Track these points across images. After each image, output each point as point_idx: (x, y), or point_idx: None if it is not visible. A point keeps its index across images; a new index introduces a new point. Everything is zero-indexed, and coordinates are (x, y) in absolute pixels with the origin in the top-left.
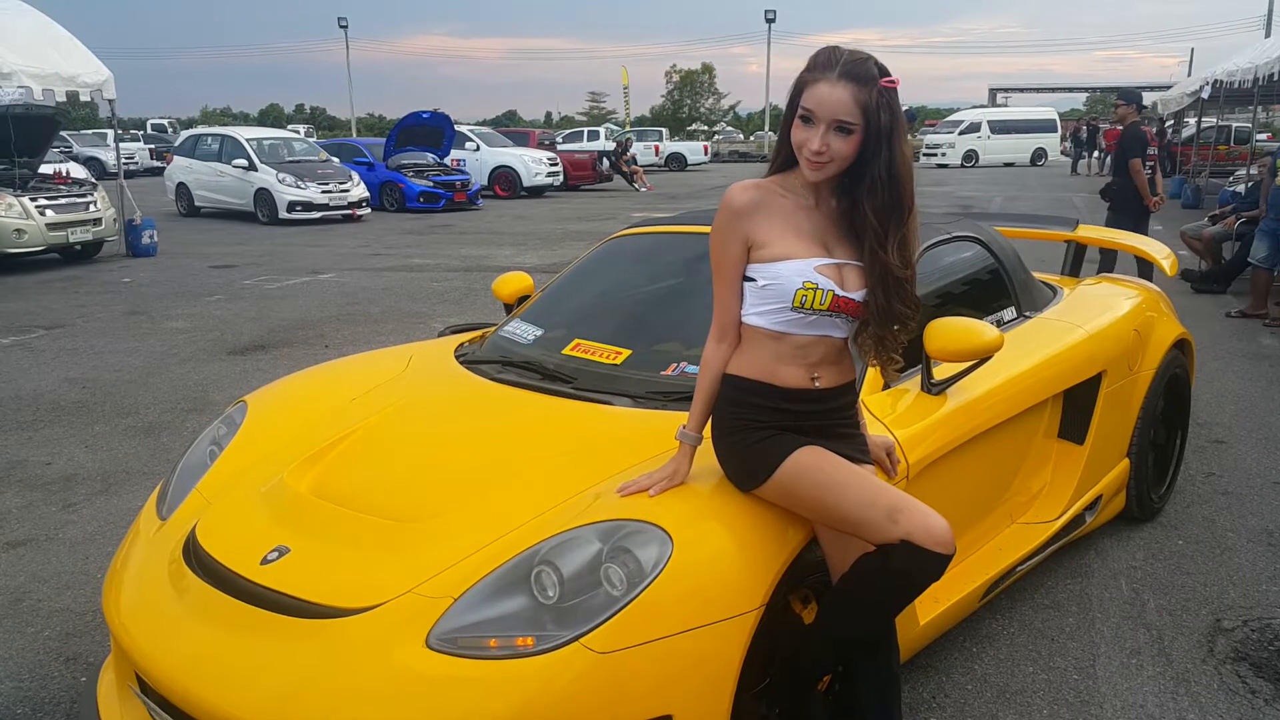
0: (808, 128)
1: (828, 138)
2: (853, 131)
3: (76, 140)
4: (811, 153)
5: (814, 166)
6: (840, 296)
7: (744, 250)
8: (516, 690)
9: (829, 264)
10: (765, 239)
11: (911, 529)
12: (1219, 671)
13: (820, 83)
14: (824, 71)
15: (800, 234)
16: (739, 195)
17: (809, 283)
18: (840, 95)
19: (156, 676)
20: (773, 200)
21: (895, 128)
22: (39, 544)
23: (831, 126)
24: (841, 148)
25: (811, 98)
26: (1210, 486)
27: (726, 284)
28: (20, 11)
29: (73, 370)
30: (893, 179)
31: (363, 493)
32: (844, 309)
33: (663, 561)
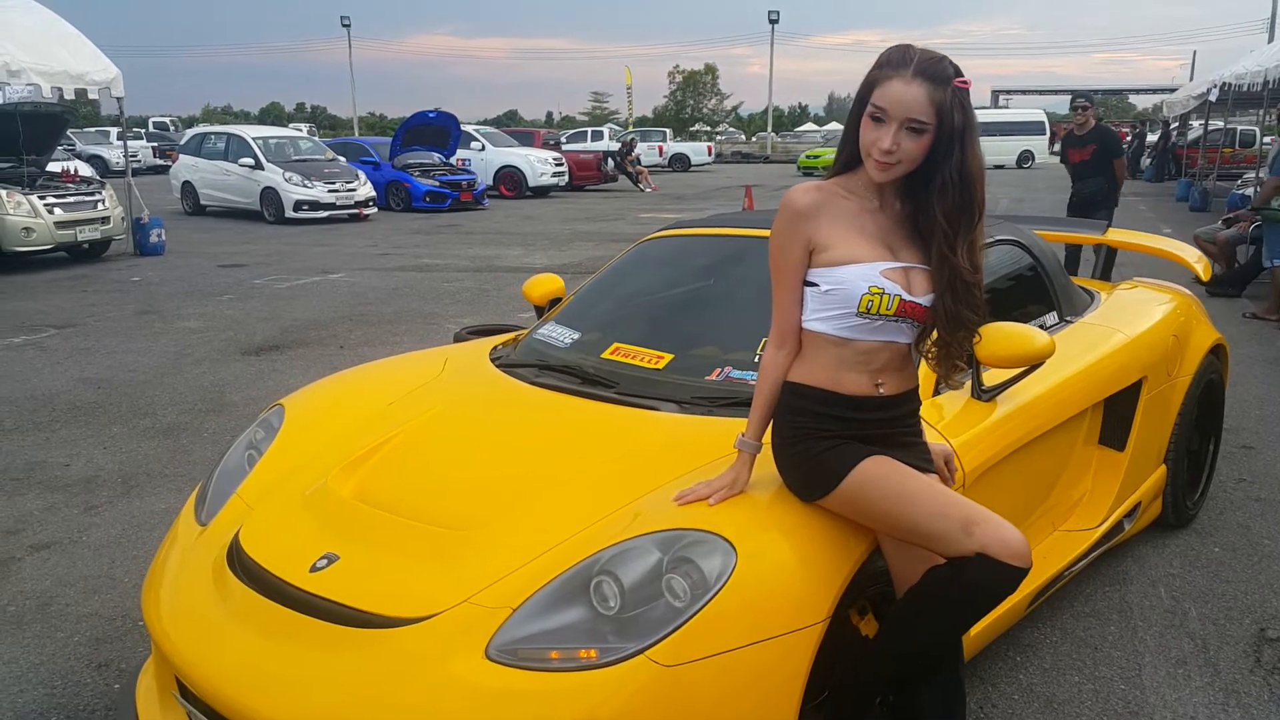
0: (878, 127)
1: (899, 137)
2: (925, 132)
3: (80, 138)
4: (881, 152)
5: (881, 167)
6: (907, 301)
7: (805, 254)
8: (580, 703)
9: (895, 268)
10: (828, 242)
11: (987, 542)
12: (1268, 682)
13: (894, 80)
14: (898, 69)
15: (865, 236)
16: (801, 197)
17: (875, 287)
18: (915, 94)
19: (199, 683)
20: (836, 202)
21: (968, 128)
22: (63, 547)
23: (904, 126)
24: (911, 148)
25: (884, 96)
26: (1242, 493)
27: (787, 289)
28: (28, 9)
29: (87, 370)
30: (964, 180)
31: (408, 498)
32: (911, 314)
33: (727, 573)
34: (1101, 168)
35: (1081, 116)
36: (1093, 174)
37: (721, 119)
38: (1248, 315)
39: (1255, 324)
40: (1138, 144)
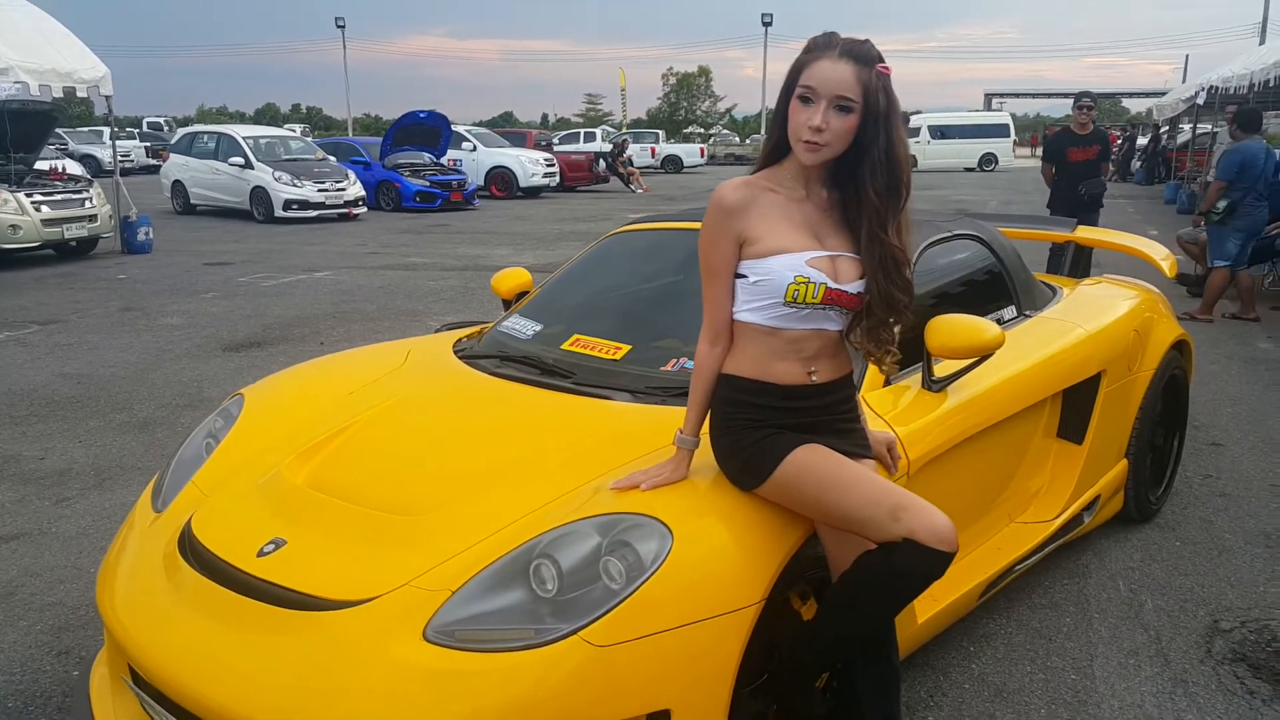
0: (808, 107)
1: (828, 115)
2: (852, 110)
3: (72, 138)
4: (811, 130)
5: (811, 148)
6: (833, 289)
7: (735, 249)
8: (515, 683)
9: (821, 256)
10: (756, 234)
11: (915, 527)
12: (1217, 672)
13: (822, 60)
14: (825, 51)
15: (793, 227)
16: (730, 194)
17: (800, 276)
18: (842, 72)
19: (150, 669)
20: (763, 196)
21: (892, 111)
22: (32, 538)
23: (833, 104)
24: (840, 126)
25: (813, 75)
26: (1208, 489)
27: (718, 283)
28: (17, 6)
29: (67, 366)
30: (892, 161)
31: (360, 486)
32: (838, 301)
33: (662, 555)
34: (1100, 168)
35: (1085, 116)
36: (1094, 173)
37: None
38: (1180, 316)
39: (1236, 324)
40: (1128, 147)
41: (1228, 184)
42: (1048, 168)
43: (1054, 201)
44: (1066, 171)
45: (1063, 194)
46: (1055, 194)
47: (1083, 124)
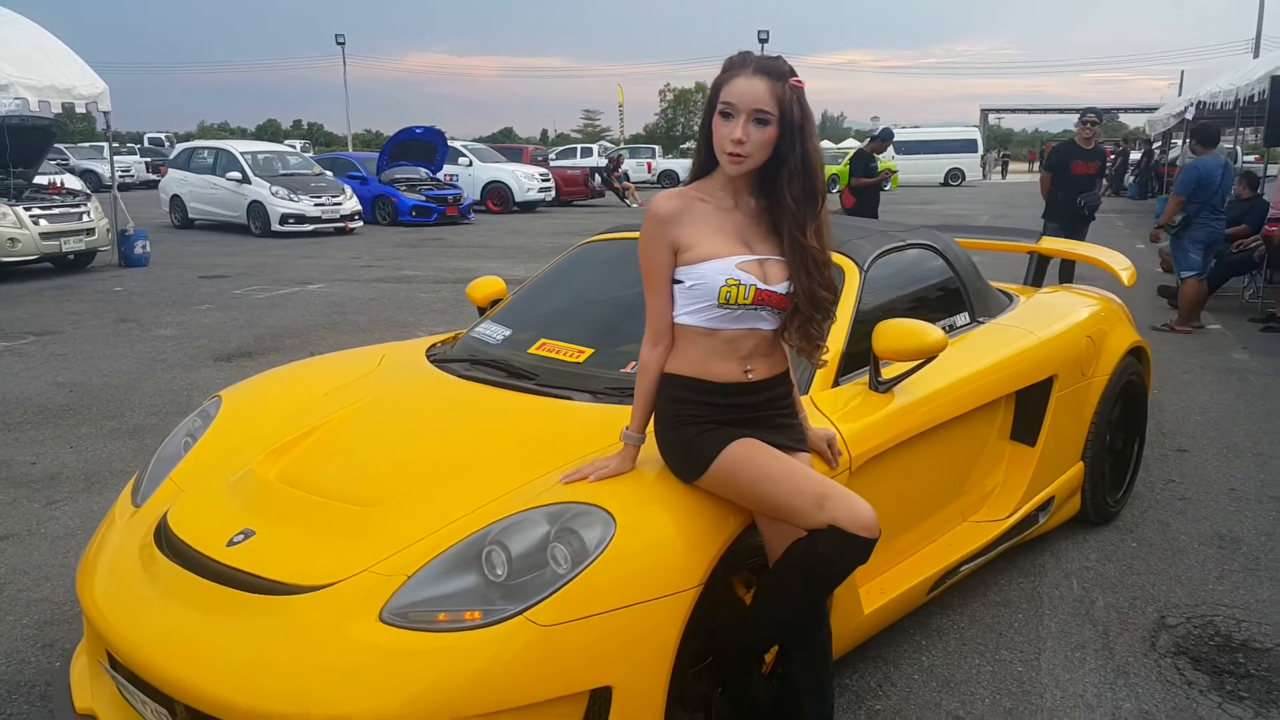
0: (728, 121)
1: (748, 128)
2: (769, 122)
3: (74, 153)
4: (733, 143)
5: (734, 160)
6: (763, 290)
7: (671, 256)
8: (464, 661)
9: (750, 260)
10: (689, 242)
11: (838, 515)
12: (1159, 665)
13: (738, 78)
14: (741, 69)
15: (722, 234)
16: (663, 204)
17: (731, 280)
18: (757, 87)
19: (126, 652)
20: (695, 206)
21: (805, 122)
22: (21, 538)
23: (751, 117)
24: (759, 138)
25: (731, 92)
26: (1169, 493)
27: (657, 290)
28: (16, 24)
29: (61, 375)
30: (807, 168)
31: (328, 480)
32: (768, 301)
33: (605, 541)
34: (1098, 183)
35: (1090, 130)
36: (1093, 186)
37: None
38: (1159, 327)
39: (1213, 334)
40: (1121, 161)
41: (1185, 198)
42: (1046, 177)
43: (1050, 211)
44: (1067, 183)
45: (1060, 205)
46: (1052, 204)
47: (1087, 138)
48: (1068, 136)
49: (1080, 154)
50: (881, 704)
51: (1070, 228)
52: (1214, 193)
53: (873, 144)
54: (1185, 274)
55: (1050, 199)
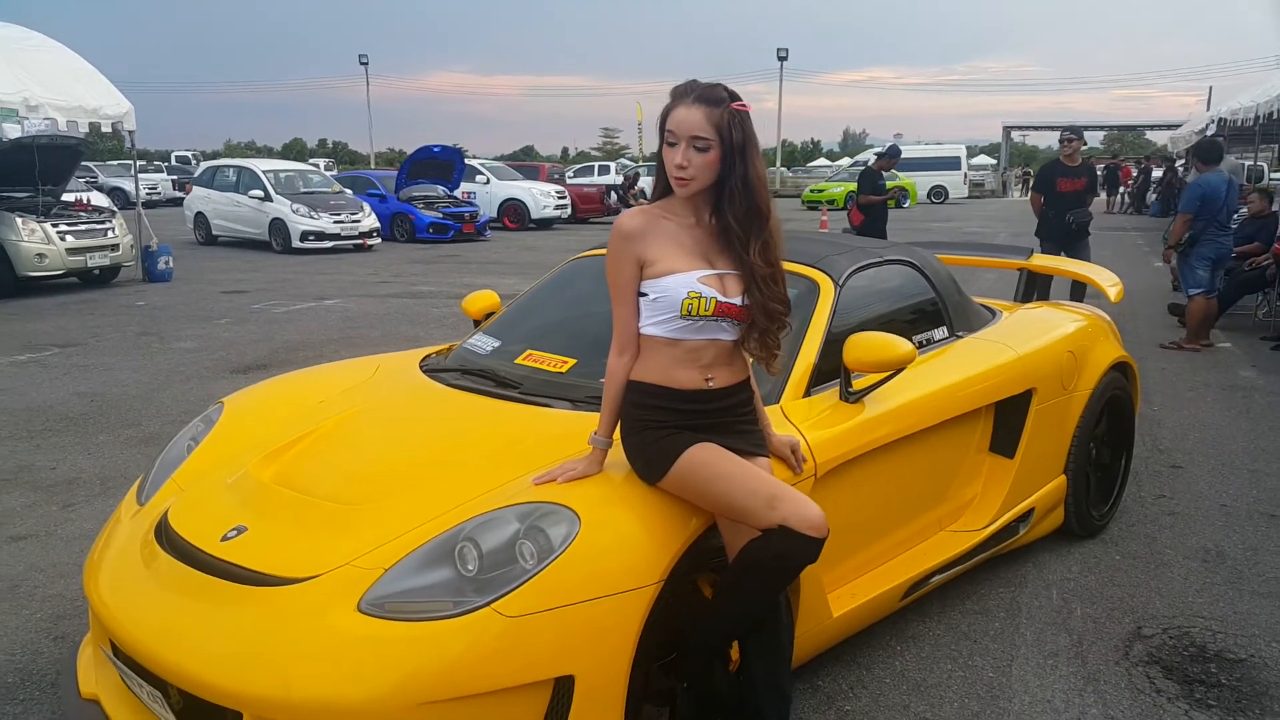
0: (672, 148)
1: (688, 154)
2: (709, 148)
3: (102, 171)
4: (676, 168)
5: (680, 184)
6: (722, 302)
7: (637, 270)
8: (433, 648)
9: (711, 274)
10: (653, 257)
11: (788, 515)
12: (1130, 673)
13: (678, 108)
14: (681, 99)
15: (684, 250)
16: (628, 222)
17: (693, 292)
18: (695, 116)
19: (127, 640)
20: (659, 223)
21: (747, 144)
22: (39, 538)
23: (690, 143)
24: (701, 162)
25: (672, 121)
26: (1159, 508)
27: (623, 302)
28: (48, 47)
29: (82, 385)
30: (748, 188)
31: (318, 481)
32: (728, 313)
33: (570, 538)
34: (1087, 199)
35: (1070, 148)
36: (1082, 203)
37: None
38: (1167, 345)
39: (1222, 352)
40: (1143, 180)
41: (1192, 216)
42: (1036, 197)
43: (1042, 229)
44: (1055, 201)
45: (1051, 223)
46: (1043, 222)
47: (1069, 156)
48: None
49: (1066, 171)
50: (852, 705)
51: (1066, 245)
52: (1219, 209)
53: (880, 161)
54: (1193, 291)
55: (1041, 218)
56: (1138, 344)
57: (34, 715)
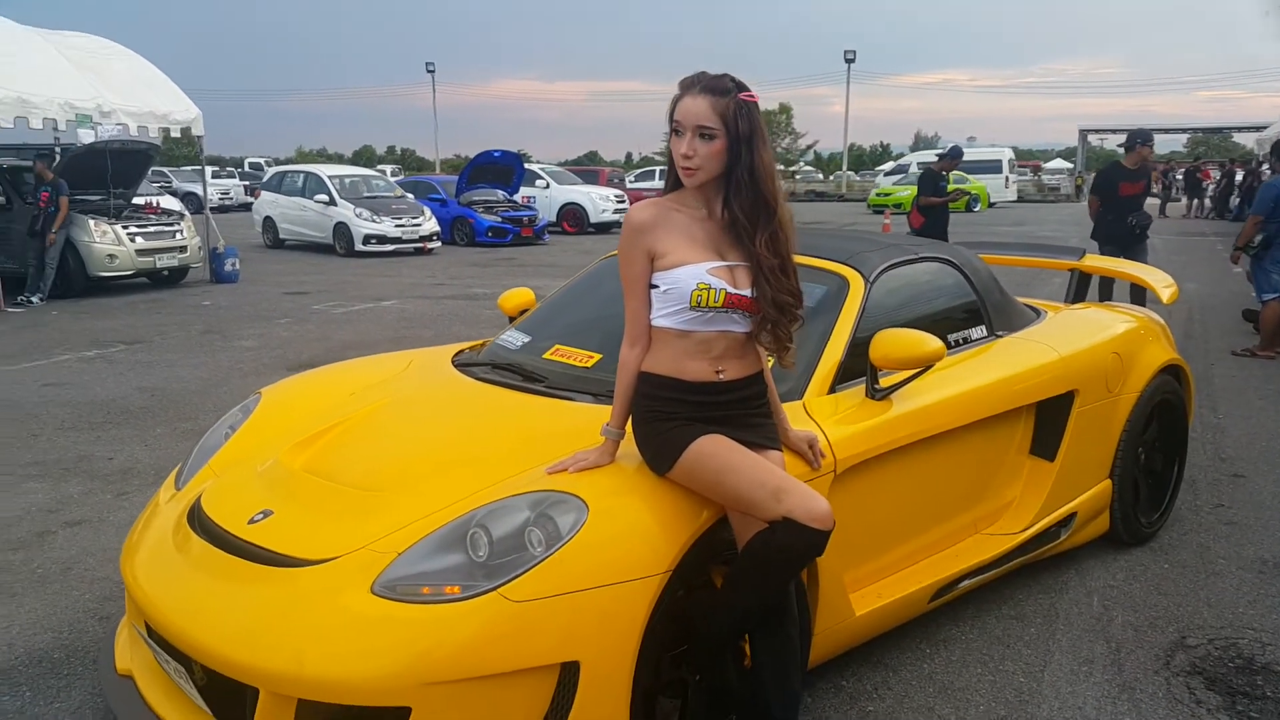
0: (679, 138)
1: (694, 143)
2: (714, 137)
3: (176, 176)
4: (682, 157)
5: (687, 174)
6: (733, 294)
7: (648, 262)
8: (441, 630)
9: (721, 266)
10: (664, 250)
11: (793, 507)
12: (1169, 683)
13: (685, 98)
14: (688, 89)
15: (694, 242)
16: (638, 214)
17: (703, 284)
18: (700, 105)
19: (156, 619)
20: (669, 216)
21: (754, 134)
22: (92, 524)
23: (696, 133)
24: (706, 152)
25: (679, 111)
26: (1216, 517)
27: (635, 294)
28: (122, 55)
29: (145, 380)
30: (754, 179)
31: (344, 469)
32: (738, 305)
33: (578, 526)
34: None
35: (1138, 154)
36: (1141, 206)
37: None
38: (1239, 352)
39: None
40: (1226, 183)
41: (1263, 218)
42: (1094, 200)
43: (1100, 232)
44: (1116, 205)
45: (1110, 226)
46: (1101, 225)
47: (1135, 160)
48: (1171, 158)
49: (1127, 175)
50: (875, 706)
51: (1125, 248)
52: None
53: (941, 163)
54: (1267, 297)
55: (1099, 220)
56: (1209, 350)
57: (76, 690)
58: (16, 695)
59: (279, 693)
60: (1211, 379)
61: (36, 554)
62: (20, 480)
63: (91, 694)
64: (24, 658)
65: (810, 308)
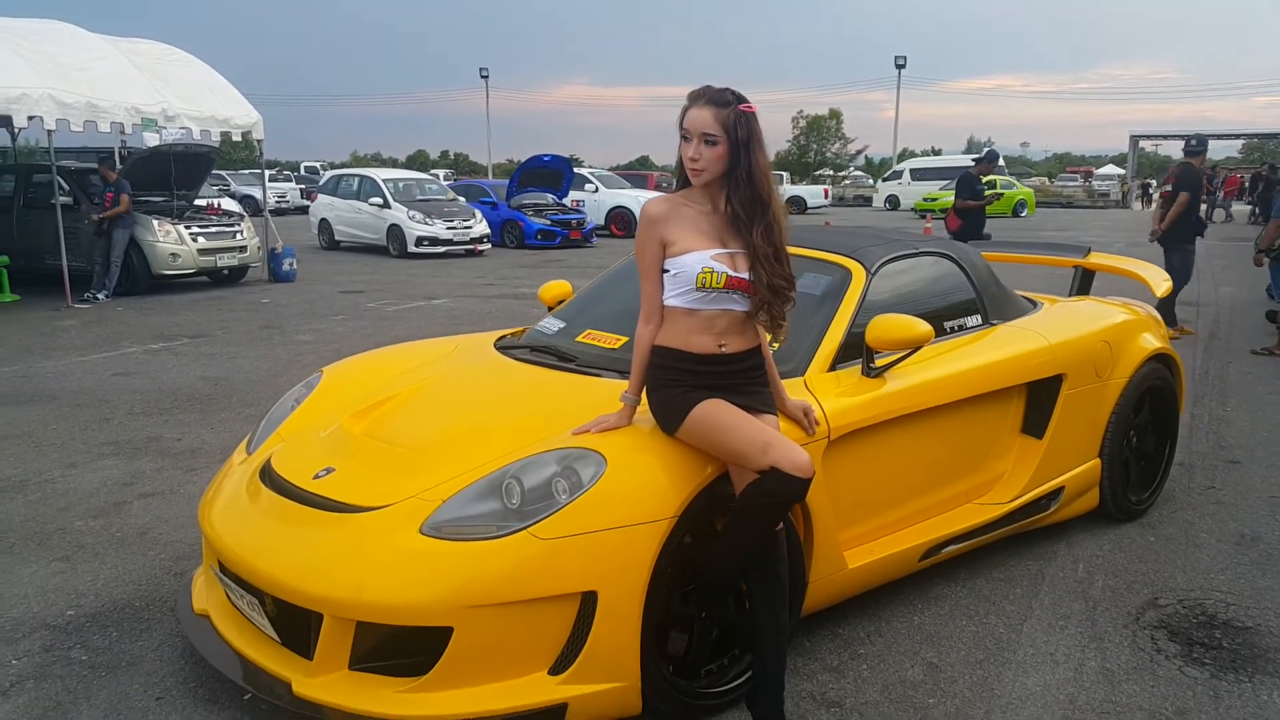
0: (686, 143)
1: (700, 148)
2: (717, 142)
3: (235, 179)
4: (689, 160)
5: (694, 174)
6: (733, 277)
7: (660, 250)
8: (480, 563)
9: (723, 253)
10: (674, 239)
11: (778, 458)
12: (1135, 635)
13: (692, 109)
14: (695, 101)
15: (700, 233)
16: (653, 208)
17: (706, 268)
18: (705, 115)
19: (230, 558)
20: (680, 209)
21: (751, 140)
22: (164, 496)
23: (701, 139)
24: (710, 155)
25: (687, 120)
26: (1206, 497)
27: (649, 277)
28: (185, 62)
29: (209, 371)
30: (751, 179)
31: (398, 432)
32: (738, 286)
33: (597, 476)
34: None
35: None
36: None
37: (847, 163)
38: (1258, 350)
39: None
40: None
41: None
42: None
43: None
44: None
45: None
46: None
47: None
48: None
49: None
50: (866, 649)
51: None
52: None
53: (979, 167)
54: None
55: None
56: (1230, 349)
57: (155, 631)
58: (105, 635)
59: (341, 616)
60: (1226, 375)
61: (115, 520)
62: (96, 458)
63: (170, 634)
64: (109, 605)
65: (816, 295)
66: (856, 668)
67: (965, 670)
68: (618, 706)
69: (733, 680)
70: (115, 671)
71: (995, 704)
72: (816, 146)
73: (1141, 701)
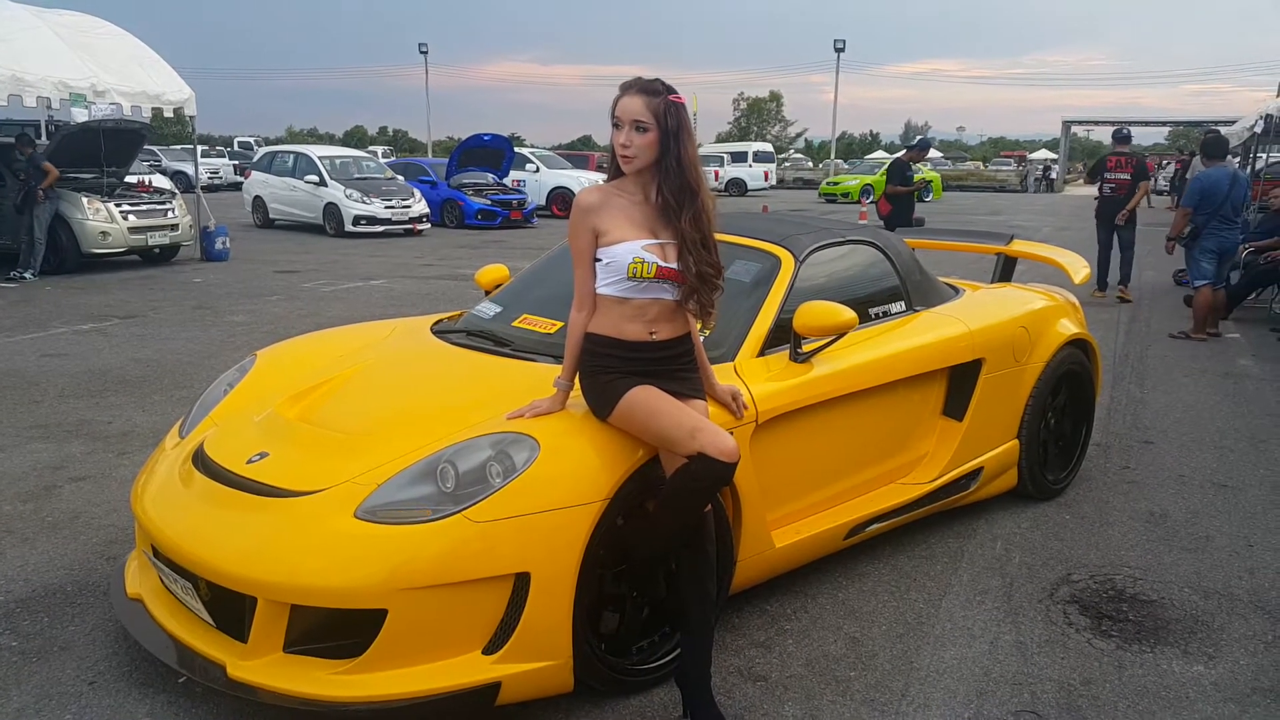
0: (618, 130)
1: (630, 135)
2: (647, 130)
3: (166, 155)
4: (620, 146)
5: (625, 161)
6: (663, 267)
7: (593, 238)
8: (414, 546)
9: (654, 244)
10: (606, 228)
11: (705, 444)
12: (1049, 610)
13: (624, 97)
14: (626, 90)
15: (632, 223)
16: (586, 197)
17: (638, 258)
18: (636, 103)
19: (164, 542)
20: (612, 199)
21: (680, 129)
22: (96, 480)
23: (633, 126)
24: (641, 142)
25: (618, 108)
26: (1120, 477)
27: (582, 265)
28: (117, 37)
29: (140, 352)
30: (681, 167)
31: (332, 417)
32: (668, 276)
33: (530, 460)
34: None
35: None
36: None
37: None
38: (1175, 334)
39: (1227, 342)
40: (1181, 171)
41: (1191, 210)
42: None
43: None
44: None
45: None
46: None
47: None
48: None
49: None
50: (791, 624)
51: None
52: (1222, 203)
53: (909, 153)
54: (1198, 283)
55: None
56: (1150, 333)
57: (88, 616)
58: (35, 621)
59: (275, 600)
60: (1145, 358)
61: (45, 505)
62: (26, 441)
63: (103, 619)
64: (40, 591)
65: (746, 283)
66: (783, 643)
67: (886, 644)
68: (550, 684)
69: (662, 657)
70: (46, 657)
71: (914, 677)
72: (757, 129)
73: (1051, 673)
